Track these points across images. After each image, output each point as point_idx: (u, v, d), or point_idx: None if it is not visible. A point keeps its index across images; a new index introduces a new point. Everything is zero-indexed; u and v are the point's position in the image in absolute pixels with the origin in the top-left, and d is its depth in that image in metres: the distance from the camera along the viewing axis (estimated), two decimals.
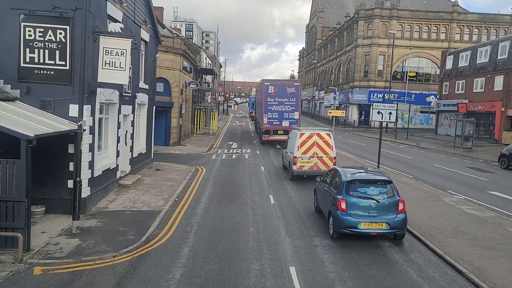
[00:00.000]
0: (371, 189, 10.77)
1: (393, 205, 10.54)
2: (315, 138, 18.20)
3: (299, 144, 18.18)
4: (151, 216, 12.15)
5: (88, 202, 12.30)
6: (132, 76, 16.48)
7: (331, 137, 18.37)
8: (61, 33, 11.49)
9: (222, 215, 12.66)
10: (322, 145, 18.19)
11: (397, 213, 10.47)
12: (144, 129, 19.72)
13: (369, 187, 10.80)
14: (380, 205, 10.47)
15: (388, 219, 10.33)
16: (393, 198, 10.66)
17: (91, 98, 12.21)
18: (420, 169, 22.57)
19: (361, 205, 10.51)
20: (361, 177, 11.22)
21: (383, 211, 10.46)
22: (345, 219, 10.38)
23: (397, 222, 10.37)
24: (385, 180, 10.96)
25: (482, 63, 40.53)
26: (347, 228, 10.40)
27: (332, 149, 18.25)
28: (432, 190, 16.48)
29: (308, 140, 18.18)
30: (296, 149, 18.19)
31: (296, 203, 14.42)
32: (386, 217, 10.37)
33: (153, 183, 16.67)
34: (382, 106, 17.20)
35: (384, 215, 10.41)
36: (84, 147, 11.87)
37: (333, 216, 10.79)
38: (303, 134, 18.34)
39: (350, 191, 10.71)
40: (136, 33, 16.80)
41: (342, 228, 10.48)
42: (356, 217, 10.38)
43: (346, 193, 10.68)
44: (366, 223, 10.30)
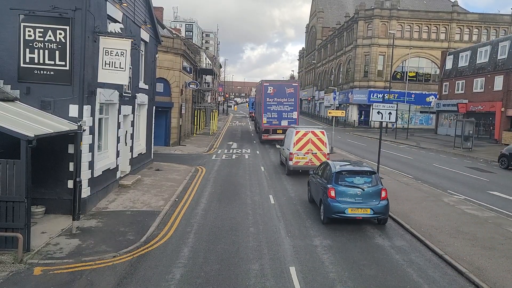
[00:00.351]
0: (357, 179, 12.06)
1: (377, 193, 11.80)
2: (310, 136, 19.51)
3: (295, 141, 19.44)
4: (151, 216, 12.15)
5: (88, 202, 12.30)
6: (132, 76, 16.49)
7: (324, 135, 19.67)
8: (61, 34, 11.50)
9: (222, 215, 12.66)
10: (316, 142, 19.53)
11: (380, 200, 11.76)
12: (144, 129, 19.72)
13: (355, 177, 12.10)
14: (365, 193, 11.74)
15: (372, 205, 11.62)
16: (376, 186, 11.93)
17: (91, 99, 12.21)
18: (420, 169, 22.58)
19: (348, 193, 11.77)
20: (348, 168, 12.48)
21: (367, 198, 11.73)
22: (334, 206, 11.64)
23: (380, 207, 11.66)
24: (369, 171, 12.31)
25: (482, 63, 40.54)
26: (336, 213, 11.65)
27: (325, 145, 19.63)
28: (432, 190, 16.48)
29: (303, 138, 19.47)
30: (292, 146, 19.43)
31: (296, 203, 14.42)
32: (370, 203, 11.65)
33: (153, 183, 16.67)
34: (382, 106, 17.17)
35: (368, 201, 11.69)
36: (84, 147, 11.86)
37: (324, 203, 12.04)
38: (299, 131, 19.67)
39: (338, 180, 11.99)
40: (136, 33, 16.80)
41: (332, 214, 11.72)
42: (344, 203, 11.63)
43: (335, 182, 11.96)
44: (353, 208, 11.55)
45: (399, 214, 12.88)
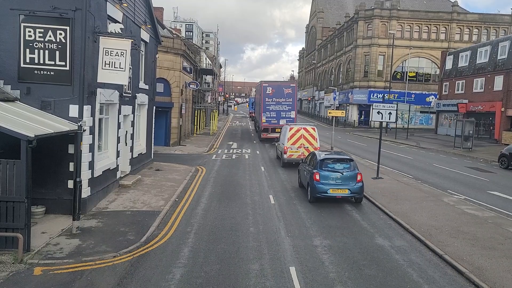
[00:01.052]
0: (337, 165, 14.54)
1: (353, 177, 14.27)
2: (302, 132, 21.83)
3: (289, 136, 21.66)
4: (151, 216, 12.15)
5: (88, 203, 12.30)
6: (132, 76, 16.50)
7: (315, 131, 22.09)
8: (61, 34, 11.51)
9: (222, 215, 12.67)
10: (308, 137, 21.80)
11: (356, 182, 14.24)
12: (144, 130, 19.73)
13: (336, 164, 14.58)
14: (343, 176, 14.20)
15: (349, 187, 14.07)
16: (353, 171, 14.40)
17: (91, 99, 12.22)
18: (420, 169, 22.58)
19: (330, 177, 14.16)
20: (330, 156, 15.16)
21: (346, 180, 14.18)
22: (319, 187, 14.08)
23: (356, 188, 14.15)
24: (348, 159, 14.82)
25: (482, 63, 40.55)
26: (320, 193, 14.08)
27: (316, 140, 21.97)
28: (432, 190, 16.48)
29: (296, 133, 21.72)
30: (286, 141, 21.72)
31: (296, 203, 14.42)
32: (348, 185, 14.10)
33: (153, 183, 16.67)
34: (382, 106, 17.20)
35: (346, 183, 14.13)
36: (84, 147, 11.87)
37: (310, 185, 14.52)
38: (292, 128, 22.08)
39: (322, 166, 14.41)
40: (136, 33, 16.81)
41: (316, 193, 14.15)
42: (326, 185, 14.05)
43: (320, 168, 14.38)
44: (334, 189, 14.00)
45: (399, 214, 12.89)
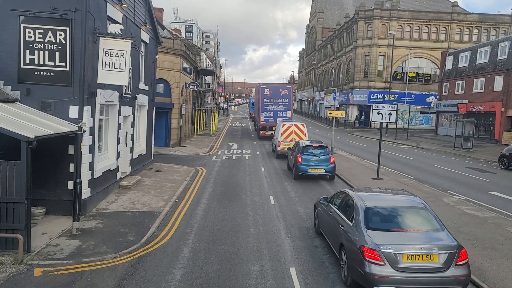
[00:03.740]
0: (315, 151, 18.62)
1: (327, 159, 18.46)
2: (293, 128, 25.49)
3: (282, 131, 25.28)
4: (151, 217, 12.15)
5: (89, 203, 12.30)
6: (132, 77, 16.50)
7: (304, 127, 25.94)
8: (61, 35, 11.51)
9: (222, 216, 12.66)
10: (298, 132, 25.37)
11: (330, 164, 18.42)
12: (144, 130, 19.73)
13: (315, 149, 18.66)
14: (320, 159, 18.37)
15: (324, 167, 18.26)
16: (327, 155, 18.60)
17: (91, 100, 12.22)
18: (420, 169, 22.57)
19: (309, 159, 18.27)
20: (310, 143, 19.30)
21: (321, 162, 18.32)
22: (301, 167, 18.24)
23: (329, 168, 18.36)
24: (323, 146, 19.10)
25: (482, 63, 40.56)
26: (301, 172, 18.25)
27: (305, 135, 25.51)
28: (432, 191, 16.46)
29: (288, 129, 25.34)
30: (279, 135, 25.32)
31: (296, 203, 14.42)
32: (323, 166, 18.26)
33: (153, 184, 16.67)
34: (382, 106, 17.19)
35: (322, 164, 18.28)
36: (84, 148, 11.88)
37: (295, 166, 18.63)
38: (284, 124, 25.88)
39: (304, 152, 18.49)
40: (136, 34, 16.81)
41: (299, 172, 18.34)
42: (306, 166, 18.18)
43: (302, 153, 18.47)
44: (312, 168, 18.16)
45: None
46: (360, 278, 7.42)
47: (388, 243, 7.31)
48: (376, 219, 8.08)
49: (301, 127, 25.63)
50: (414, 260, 7.17)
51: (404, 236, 7.61)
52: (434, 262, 7.19)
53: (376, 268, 7.14)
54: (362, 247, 7.37)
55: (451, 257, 7.23)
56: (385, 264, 7.14)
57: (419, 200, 8.82)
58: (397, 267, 7.12)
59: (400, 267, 7.13)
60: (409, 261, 7.16)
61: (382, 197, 9.46)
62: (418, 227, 7.90)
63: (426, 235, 7.72)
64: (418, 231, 7.81)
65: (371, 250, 7.24)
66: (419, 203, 8.57)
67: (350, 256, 7.80)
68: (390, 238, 7.47)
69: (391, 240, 7.40)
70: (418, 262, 7.16)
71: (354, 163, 23.54)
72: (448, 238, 7.66)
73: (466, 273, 7.30)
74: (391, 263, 7.15)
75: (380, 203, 8.69)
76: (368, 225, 7.82)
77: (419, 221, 8.09)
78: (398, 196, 9.43)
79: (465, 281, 7.28)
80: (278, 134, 25.62)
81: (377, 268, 7.14)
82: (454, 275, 7.17)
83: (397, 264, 7.14)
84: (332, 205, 9.80)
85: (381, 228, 7.79)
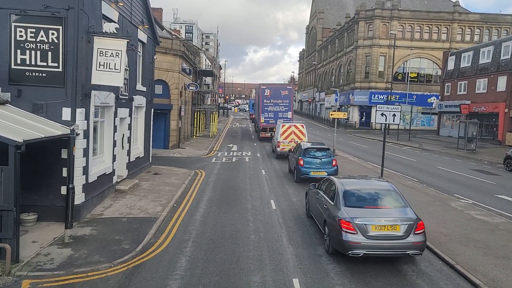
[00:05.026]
0: (317, 153, 18.30)
1: (330, 162, 18.05)
2: (293, 128, 25.49)
3: (281, 132, 25.29)
4: (148, 223, 11.68)
5: (82, 209, 11.83)
6: (129, 78, 16.04)
7: (304, 127, 25.84)
8: (53, 34, 11.06)
9: (222, 222, 12.19)
10: (297, 133, 25.30)
11: (332, 166, 17.88)
12: (142, 132, 19.26)
13: (317, 152, 18.35)
14: (322, 162, 17.94)
15: (326, 169, 17.62)
16: (330, 157, 18.25)
17: (85, 101, 11.76)
18: (424, 171, 22.09)
19: (311, 162, 17.86)
20: (312, 146, 18.97)
21: (323, 165, 17.86)
22: (302, 170, 17.79)
23: (331, 171, 17.54)
24: (325, 148, 18.80)
25: (485, 63, 40.09)
26: (303, 175, 17.74)
27: (304, 135, 25.45)
28: (438, 194, 15.96)
29: (287, 130, 25.33)
30: (279, 136, 25.36)
31: (298, 208, 13.93)
32: (325, 168, 17.68)
33: (150, 188, 16.20)
34: (386, 107, 16.72)
35: (324, 167, 17.76)
36: (78, 152, 11.43)
37: (296, 169, 18.21)
38: (284, 125, 25.87)
39: (305, 154, 18.12)
40: (133, 33, 16.37)
41: (301, 175, 17.83)
42: (308, 169, 17.71)
43: (303, 155, 18.07)
44: (314, 171, 17.65)
45: None
46: (338, 245, 9.06)
47: (360, 216, 8.93)
48: (353, 199, 9.69)
49: (301, 128, 25.69)
50: (380, 230, 8.76)
51: (374, 212, 9.25)
52: (396, 231, 8.77)
53: (351, 236, 8.71)
54: (340, 220, 9.00)
55: (410, 227, 8.81)
56: (357, 233, 8.72)
57: (390, 184, 10.55)
58: (367, 235, 8.69)
59: (369, 235, 8.70)
60: (377, 231, 8.74)
61: (359, 182, 11.13)
62: (386, 205, 9.58)
63: (392, 210, 9.37)
64: (386, 207, 9.48)
65: (347, 222, 8.84)
66: (389, 187, 10.33)
67: (331, 228, 9.43)
68: (363, 213, 9.10)
69: (363, 214, 9.03)
70: (384, 231, 8.76)
71: (357, 165, 23.05)
72: (410, 212, 9.25)
73: (422, 240, 8.88)
74: (362, 232, 8.71)
75: (357, 186, 10.39)
76: (346, 204, 9.48)
77: (388, 200, 9.74)
78: (373, 181, 11.39)
79: (421, 246, 8.87)
80: (278, 134, 25.70)
81: (351, 236, 8.71)
82: (412, 241, 8.75)
83: (367, 233, 8.70)
84: (319, 190, 11.47)
85: (356, 206, 9.42)
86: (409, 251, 8.73)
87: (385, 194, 9.92)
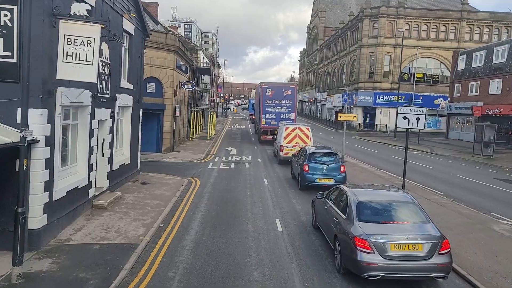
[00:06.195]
0: (324, 158, 16.68)
1: (337, 168, 16.39)
2: (297, 131, 23.26)
3: (284, 135, 23.06)
4: (125, 252, 9.38)
5: (44, 234, 9.52)
6: (111, 73, 13.74)
7: (309, 130, 23.60)
8: (6, 15, 8.79)
9: (217, 250, 9.88)
10: (302, 136, 23.16)
11: (340, 173, 16.26)
12: (128, 136, 16.92)
13: (323, 157, 16.73)
14: (329, 168, 16.33)
15: (334, 176, 16.02)
16: (337, 163, 16.61)
17: (48, 100, 9.46)
18: (445, 182, 19.77)
19: (317, 168, 16.26)
20: (318, 150, 17.32)
21: (331, 171, 16.23)
22: (308, 176, 16.14)
23: (339, 178, 16.00)
24: (333, 153, 17.09)
25: (499, 63, 37.83)
26: (308, 182, 16.13)
27: (310, 139, 23.25)
28: (473, 213, 13.53)
29: (291, 133, 23.09)
30: (282, 140, 23.13)
31: (309, 231, 11.59)
32: (333, 175, 16.08)
33: (135, 202, 13.89)
34: (409, 110, 14.46)
35: (331, 174, 16.14)
36: (38, 163, 9.18)
37: (301, 175, 16.54)
38: (288, 128, 23.59)
39: (311, 159, 16.45)
40: (116, 22, 14.08)
41: (306, 182, 16.22)
42: (314, 175, 16.11)
43: (309, 160, 16.40)
44: (321, 178, 16.06)
45: None
46: (352, 265, 8.01)
47: (377, 233, 7.84)
48: (367, 212, 8.61)
49: (306, 131, 23.52)
50: (400, 249, 7.67)
51: (393, 228, 8.15)
52: (419, 251, 7.70)
53: (367, 256, 7.64)
54: (354, 237, 7.90)
55: (434, 246, 7.72)
56: (374, 252, 7.64)
57: (407, 195, 9.49)
58: (385, 255, 7.63)
59: (388, 255, 7.63)
60: (396, 250, 7.67)
61: (372, 192, 10.04)
62: (405, 220, 8.47)
63: (412, 226, 8.29)
64: (405, 223, 8.38)
65: (362, 239, 7.76)
66: (407, 198, 9.23)
67: (343, 245, 8.36)
68: (380, 229, 8.02)
69: (380, 231, 7.94)
70: (404, 251, 7.68)
71: (371, 174, 20.72)
72: (432, 229, 8.15)
73: (448, 261, 7.79)
74: (380, 252, 7.64)
75: (372, 197, 9.29)
76: (360, 218, 8.38)
77: (407, 214, 8.64)
78: (388, 192, 10.13)
79: (447, 268, 7.77)
80: (281, 138, 23.48)
81: (367, 256, 7.64)
82: (437, 262, 7.66)
83: (385, 253, 7.64)
84: (328, 200, 10.35)
85: (372, 220, 8.34)
86: (433, 274, 7.68)
87: (403, 207, 8.89)
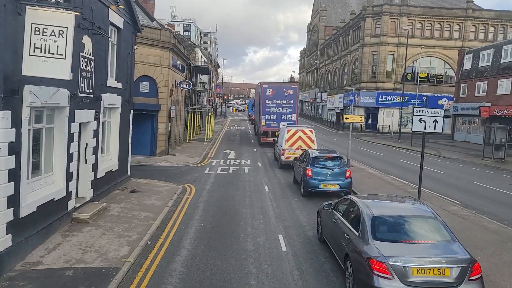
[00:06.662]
0: (328, 162, 15.66)
1: (343, 173, 15.37)
2: (300, 134, 21.91)
3: (286, 138, 21.79)
4: (103, 279, 7.95)
5: (8, 258, 8.10)
6: (95, 71, 12.31)
7: (312, 133, 22.22)
8: None
9: (211, 276, 8.44)
10: (305, 139, 21.81)
11: (345, 178, 15.29)
12: (116, 140, 15.47)
13: (327, 161, 15.72)
14: (334, 173, 15.31)
15: (339, 182, 15.13)
16: (343, 168, 15.58)
17: (12, 100, 8.04)
18: (461, 189, 18.31)
19: (321, 173, 15.26)
20: (322, 154, 16.33)
21: (335, 176, 15.24)
22: (311, 182, 15.16)
23: (345, 183, 15.18)
24: (338, 157, 15.98)
25: (508, 62, 36.44)
26: (311, 188, 15.16)
27: (313, 142, 21.92)
28: (502, 229, 11.86)
29: (294, 135, 21.83)
30: (284, 143, 21.81)
31: (317, 250, 10.15)
32: (338, 181, 15.14)
33: (121, 214, 12.44)
34: (425, 112, 13.05)
35: (336, 179, 15.18)
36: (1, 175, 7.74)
37: (303, 180, 15.60)
38: (290, 130, 22.20)
39: (314, 163, 15.51)
40: (101, 13, 12.66)
41: (309, 188, 15.24)
42: (318, 180, 15.14)
43: (312, 165, 15.48)
44: (325, 184, 15.08)
45: None
46: None
47: (397, 255, 6.90)
48: (384, 228, 7.69)
49: (309, 134, 22.14)
50: (424, 274, 6.73)
51: (414, 248, 7.19)
52: (445, 277, 6.75)
53: (384, 282, 6.71)
54: (370, 259, 6.96)
55: (463, 271, 6.77)
56: (394, 278, 6.72)
57: (427, 208, 8.47)
58: (406, 281, 6.69)
59: (410, 281, 6.69)
60: (419, 275, 6.72)
61: (389, 204, 9.05)
62: (428, 238, 7.51)
63: (436, 246, 7.30)
64: (428, 242, 7.40)
65: (379, 262, 6.83)
66: (427, 212, 8.23)
67: (357, 268, 7.36)
68: (399, 250, 7.06)
69: (400, 252, 6.99)
70: (429, 276, 6.73)
71: (379, 181, 19.22)
72: (460, 250, 7.17)
73: None
74: (400, 277, 6.72)
75: (388, 211, 8.29)
76: (376, 236, 7.42)
77: (429, 231, 7.70)
78: (405, 204, 9.02)
79: None
80: (282, 141, 22.16)
81: (385, 282, 6.71)
82: None
83: (406, 278, 6.71)
84: (337, 212, 9.41)
85: (389, 239, 7.40)
86: None
87: (423, 222, 7.84)
